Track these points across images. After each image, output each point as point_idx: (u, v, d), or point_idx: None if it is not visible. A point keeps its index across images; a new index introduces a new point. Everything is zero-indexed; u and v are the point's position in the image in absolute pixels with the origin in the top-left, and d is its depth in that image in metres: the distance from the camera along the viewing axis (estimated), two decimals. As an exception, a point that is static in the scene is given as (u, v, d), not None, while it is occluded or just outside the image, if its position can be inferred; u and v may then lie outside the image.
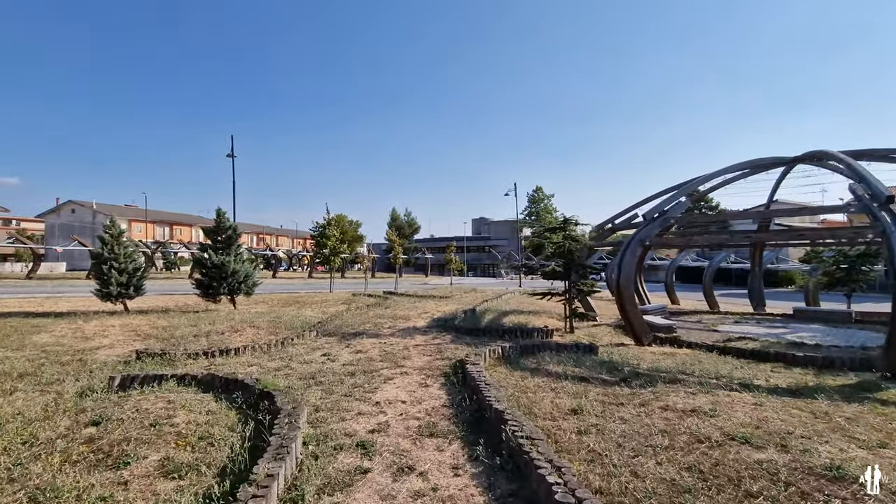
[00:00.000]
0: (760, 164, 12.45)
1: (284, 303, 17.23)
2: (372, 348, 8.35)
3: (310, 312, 13.24)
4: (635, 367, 7.21)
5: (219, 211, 14.79)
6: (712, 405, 5.08)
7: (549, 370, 6.77)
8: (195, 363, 7.20)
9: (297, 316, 12.28)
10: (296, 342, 8.78)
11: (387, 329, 10.64)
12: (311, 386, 5.85)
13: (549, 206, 76.38)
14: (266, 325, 10.35)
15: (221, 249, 14.75)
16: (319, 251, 25.65)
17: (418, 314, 13.49)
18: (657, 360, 8.29)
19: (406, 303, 16.74)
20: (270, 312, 13.61)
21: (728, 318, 16.01)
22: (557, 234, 11.81)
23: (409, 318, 12.42)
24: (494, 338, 9.71)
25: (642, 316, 10.59)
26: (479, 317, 12.90)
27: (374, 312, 13.66)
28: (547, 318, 13.72)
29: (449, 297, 19.93)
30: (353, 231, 70.32)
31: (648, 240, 10.69)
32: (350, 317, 12.49)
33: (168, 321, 11.56)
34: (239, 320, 11.02)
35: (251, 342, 8.71)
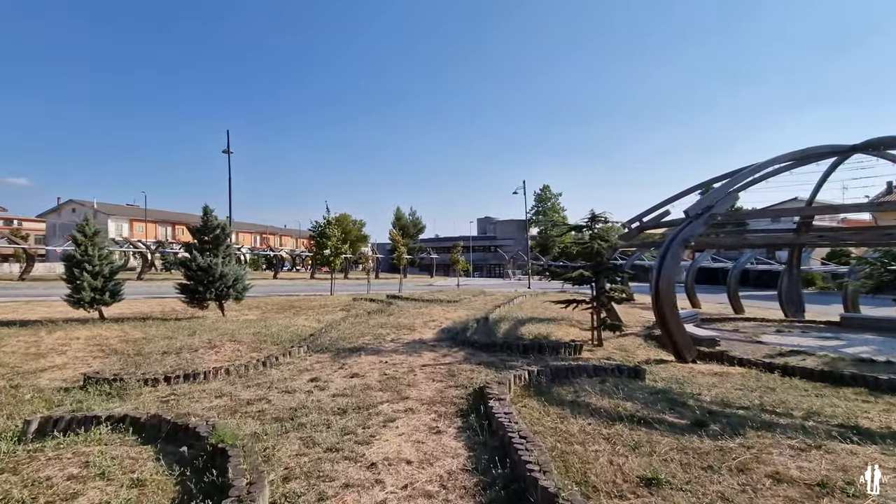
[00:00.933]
0: (813, 154, 10.93)
1: (279, 308, 15.88)
2: (370, 370, 6.95)
3: (303, 321, 11.87)
4: (698, 399, 5.77)
5: (205, 208, 13.46)
6: (840, 470, 3.64)
7: (594, 405, 5.34)
8: (152, 392, 5.84)
9: (288, 326, 10.90)
10: (281, 362, 7.39)
11: (389, 343, 9.24)
12: (287, 431, 4.46)
13: (556, 205, 74.70)
14: (250, 338, 8.98)
15: (209, 250, 13.42)
16: (319, 252, 24.32)
17: (424, 323, 12.08)
18: (713, 383, 6.88)
19: (411, 309, 15.33)
20: (261, 321, 12.26)
21: (767, 327, 14.50)
22: (583, 232, 10.37)
23: (415, 329, 11.01)
24: (515, 354, 8.29)
25: (685, 328, 9.13)
26: (493, 326, 11.47)
27: (376, 321, 12.26)
28: (568, 328, 12.29)
29: (457, 302, 18.51)
30: (356, 231, 69.06)
31: (693, 239, 9.22)
32: (348, 326, 11.10)
33: (144, 331, 10.23)
34: (221, 332, 9.65)
35: (228, 362, 7.34)
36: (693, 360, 8.96)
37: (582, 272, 9.43)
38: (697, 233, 9.22)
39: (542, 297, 23.43)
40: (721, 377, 7.51)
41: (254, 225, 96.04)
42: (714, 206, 9.39)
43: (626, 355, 9.20)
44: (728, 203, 9.48)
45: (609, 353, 9.35)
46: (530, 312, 15.65)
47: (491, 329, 11.00)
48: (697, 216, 9.31)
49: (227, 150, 25.01)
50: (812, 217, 14.99)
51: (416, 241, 74.32)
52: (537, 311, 16.26)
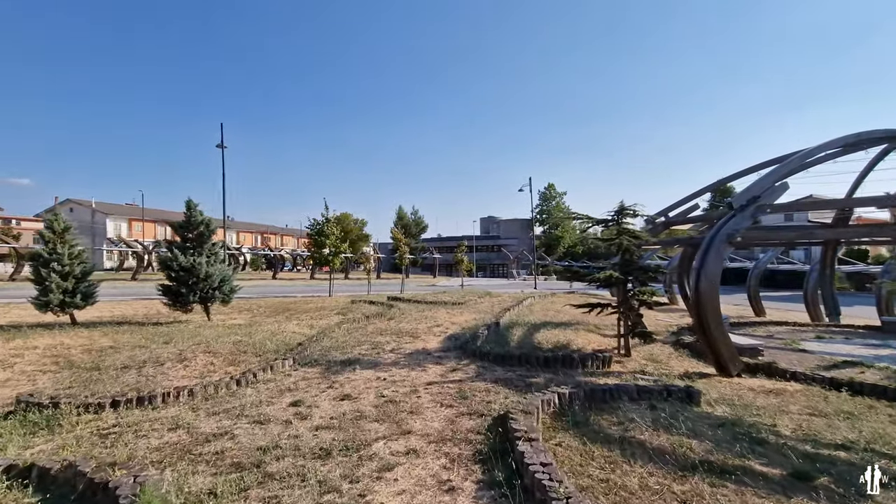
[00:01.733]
0: (865, 139, 9.72)
1: (271, 311, 14.73)
2: (365, 390, 5.78)
3: (295, 327, 10.70)
4: (777, 433, 4.59)
5: (189, 203, 12.32)
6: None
7: (650, 444, 4.15)
8: (92, 422, 4.69)
9: (276, 333, 9.73)
10: (259, 378, 6.22)
11: (389, 353, 8.07)
12: (247, 488, 3.29)
13: (560, 204, 73.40)
14: (229, 348, 7.81)
15: (192, 249, 12.28)
16: (317, 251, 23.17)
17: (429, 329, 10.90)
18: (778, 407, 5.74)
19: (413, 312, 14.16)
20: (248, 326, 11.11)
21: (801, 331, 13.27)
22: (609, 228, 9.18)
23: (418, 336, 9.84)
24: (535, 368, 7.10)
25: (734, 338, 7.94)
26: (505, 333, 10.28)
27: (375, 327, 11.09)
28: (587, 334, 11.10)
29: (462, 304, 17.32)
30: (357, 230, 67.95)
31: (739, 234, 8.01)
32: (343, 333, 9.93)
33: (114, 339, 9.11)
34: (198, 341, 8.49)
35: (198, 378, 6.20)
36: (738, 373, 7.78)
37: (611, 273, 8.20)
38: (743, 227, 8.01)
39: (552, 298, 22.23)
40: (780, 397, 6.33)
41: (254, 225, 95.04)
42: (760, 196, 8.18)
43: (660, 368, 8.01)
44: (778, 193, 8.27)
45: (640, 364, 8.17)
46: (542, 316, 14.45)
47: (503, 336, 9.81)
48: (742, 208, 8.10)
49: (220, 144, 23.93)
50: (851, 211, 13.72)
51: (419, 240, 73.18)
52: (549, 315, 15.06)
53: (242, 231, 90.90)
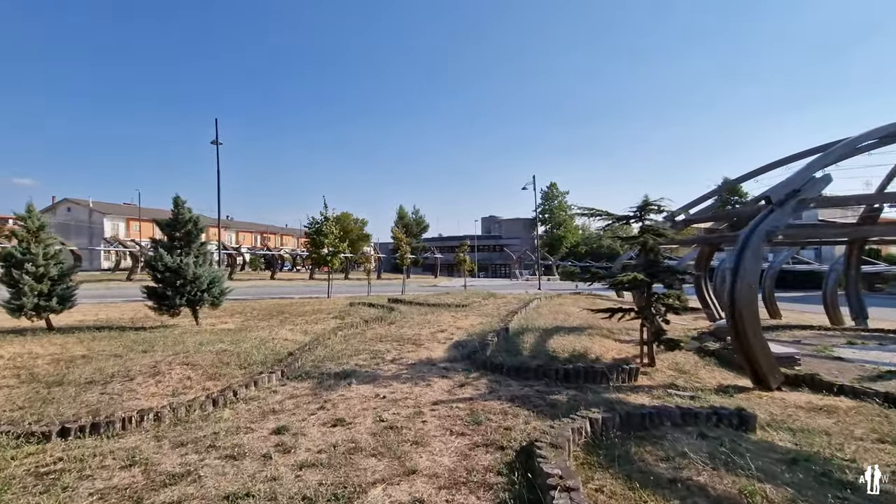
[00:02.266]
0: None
1: (265, 314, 13.94)
2: (361, 412, 4.97)
3: (287, 333, 9.89)
4: (859, 470, 3.78)
5: (176, 199, 11.52)
6: None
7: (712, 489, 3.34)
8: (34, 455, 3.90)
9: (266, 340, 8.92)
10: (240, 397, 5.43)
11: (389, 364, 7.26)
12: (202, 563, 2.50)
13: (563, 203, 72.55)
14: (211, 359, 6.99)
15: (179, 248, 11.49)
16: (315, 251, 22.36)
17: (432, 335, 10.11)
18: (839, 430, 4.97)
19: (415, 315, 13.36)
20: (238, 331, 10.32)
21: (829, 336, 12.47)
22: (630, 225, 8.38)
23: (421, 343, 9.03)
24: (554, 383, 6.29)
25: (769, 345, 7.12)
26: (515, 339, 9.48)
27: (374, 332, 10.29)
28: (603, 340, 10.29)
29: (466, 307, 16.52)
30: (357, 230, 67.20)
31: (780, 231, 7.20)
32: (340, 341, 9.13)
33: (89, 347, 8.31)
34: (178, 350, 7.67)
35: (170, 396, 5.41)
36: (778, 386, 6.99)
37: (636, 275, 7.39)
38: (784, 224, 7.20)
39: (559, 300, 21.42)
40: (834, 417, 5.53)
41: (254, 224, 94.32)
42: (801, 189, 7.38)
43: (690, 380, 7.21)
44: (820, 186, 7.46)
45: (667, 376, 7.36)
46: (552, 320, 13.65)
47: (514, 344, 9.00)
48: (781, 203, 7.29)
49: (215, 141, 23.16)
50: (881, 209, 12.87)
51: (420, 240, 72.38)
52: (559, 318, 14.26)
53: (242, 231, 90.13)
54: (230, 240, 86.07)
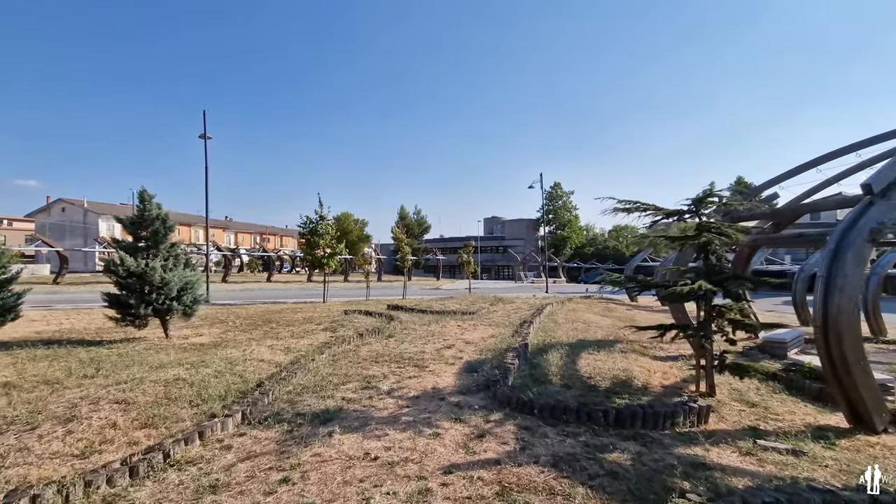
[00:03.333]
0: None
1: (250, 323, 12.40)
2: (342, 489, 3.42)
3: (265, 352, 8.30)
4: None
5: (142, 193, 9.99)
6: None
7: None
8: None
9: (236, 362, 7.33)
10: (174, 460, 3.87)
11: (385, 399, 5.69)
12: None
13: (568, 203, 70.97)
14: (154, 394, 5.43)
15: (146, 249, 9.98)
16: (310, 252, 20.81)
17: (438, 352, 8.55)
18: None
19: (417, 325, 11.80)
20: (207, 349, 8.78)
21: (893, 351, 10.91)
22: (687, 222, 6.81)
23: (425, 365, 7.46)
24: (603, 430, 4.71)
25: (872, 374, 5.55)
26: (538, 360, 7.90)
27: (370, 350, 8.73)
28: (638, 358, 8.74)
29: (474, 314, 14.98)
30: (358, 230, 65.70)
31: (889, 229, 5.63)
32: (326, 362, 7.55)
33: (22, 370, 6.78)
34: (120, 380, 6.12)
35: (76, 458, 3.86)
36: (885, 428, 5.43)
37: (701, 284, 5.79)
38: (893, 219, 5.62)
39: (572, 305, 19.86)
40: None
41: (253, 225, 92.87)
42: (911, 175, 5.80)
43: (764, 416, 5.66)
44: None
45: (738, 412, 5.80)
46: (571, 330, 12.10)
47: (538, 366, 7.43)
48: (885, 192, 5.73)
49: (203, 134, 21.64)
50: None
51: (421, 241, 70.83)
52: (579, 328, 12.71)
53: (241, 231, 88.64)
54: (229, 241, 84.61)
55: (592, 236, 76.72)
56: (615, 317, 16.89)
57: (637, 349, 9.79)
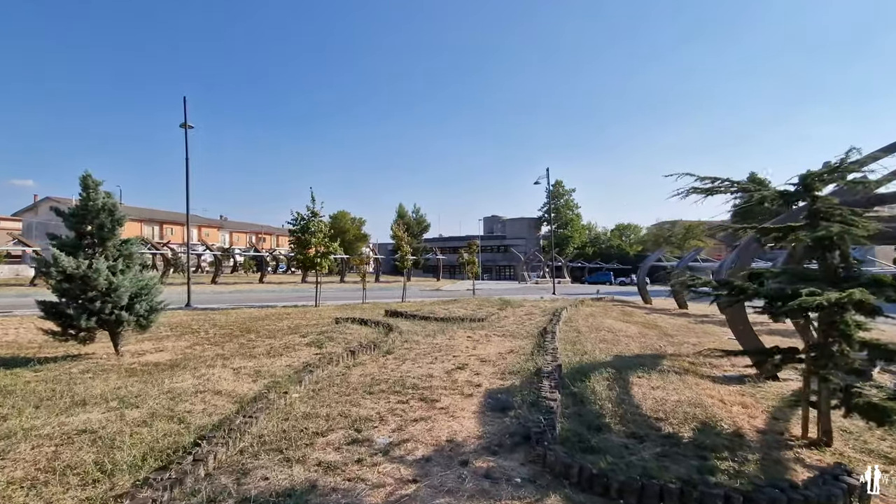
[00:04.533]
0: None
1: (226, 334, 10.61)
2: None
3: (227, 379, 6.40)
4: None
5: (85, 179, 8.16)
6: None
7: None
8: None
9: (182, 398, 5.46)
10: None
11: (381, 461, 3.91)
12: None
13: (570, 202, 69.14)
14: (25, 467, 3.64)
15: (91, 248, 8.19)
16: (301, 251, 19.00)
17: (448, 375, 6.78)
18: None
19: (421, 337, 10.02)
20: (160, 373, 6.98)
21: None
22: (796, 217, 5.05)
23: (434, 398, 5.66)
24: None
25: None
26: (580, 388, 6.11)
27: (362, 373, 6.93)
28: (699, 381, 6.98)
29: (483, 321, 13.21)
30: (355, 229, 63.87)
31: None
32: (304, 396, 5.70)
33: None
34: (11, 429, 4.34)
35: None
36: None
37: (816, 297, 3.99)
38: None
39: (586, 308, 18.11)
40: None
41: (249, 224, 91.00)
42: None
43: None
44: None
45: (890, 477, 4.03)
46: (601, 342, 10.35)
47: (582, 398, 5.64)
48: None
49: (184, 123, 19.81)
50: None
51: (420, 240, 69.02)
52: (607, 339, 10.95)
53: (236, 231, 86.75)
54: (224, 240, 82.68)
55: (595, 235, 74.99)
56: (638, 322, 15.17)
57: (688, 367, 8.05)
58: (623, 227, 78.67)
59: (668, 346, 10.60)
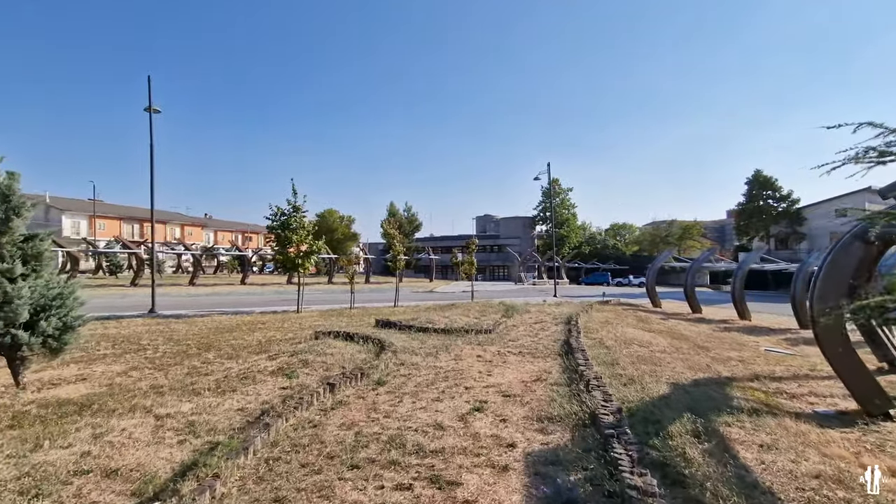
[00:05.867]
0: None
1: (178, 353, 8.54)
2: None
3: (137, 442, 4.38)
4: None
5: (-30, 153, 6.06)
6: None
7: None
8: None
9: (59, 485, 3.49)
10: None
11: None
12: None
13: (566, 201, 67.51)
14: None
15: (-22, 246, 6.08)
16: (281, 250, 16.90)
17: (464, 422, 4.83)
18: None
19: (421, 359, 8.05)
20: (61, 419, 4.93)
21: None
22: None
23: (451, 477, 3.68)
24: None
25: None
26: (667, 453, 4.18)
27: (341, 426, 4.91)
28: (798, 425, 5.12)
29: (490, 332, 11.29)
30: (344, 228, 61.56)
31: None
32: (252, 477, 3.73)
33: None
34: None
35: None
36: None
37: None
38: None
39: (599, 314, 16.28)
40: None
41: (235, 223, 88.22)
42: None
43: None
44: None
45: None
46: (638, 361, 8.47)
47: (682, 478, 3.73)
48: None
49: (149, 107, 17.57)
50: None
51: (412, 239, 66.87)
52: (642, 355, 9.11)
53: (221, 230, 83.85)
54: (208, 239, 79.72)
55: (590, 235, 73.55)
56: (661, 331, 13.38)
57: (766, 400, 6.23)
58: (618, 226, 77.35)
59: (716, 365, 8.81)
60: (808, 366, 9.18)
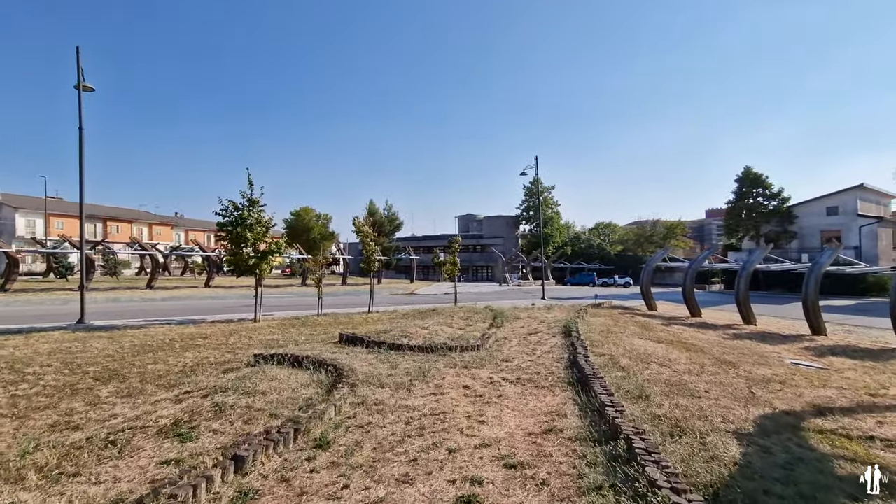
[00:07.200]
0: None
1: (60, 388, 6.28)
2: None
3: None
4: None
5: None
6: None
7: None
8: None
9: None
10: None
11: None
12: None
13: (549, 199, 66.22)
14: None
15: None
16: (234, 251, 14.56)
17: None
18: None
19: (387, 395, 6.00)
20: None
21: None
22: None
23: None
24: None
25: None
26: None
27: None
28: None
29: (479, 349, 9.34)
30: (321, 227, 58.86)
31: None
32: None
33: None
34: None
35: None
36: None
37: None
38: None
39: (597, 319, 14.48)
40: None
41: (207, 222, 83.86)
42: None
43: None
44: None
45: None
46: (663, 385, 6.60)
47: None
48: None
49: (78, 84, 14.99)
50: None
51: (392, 239, 64.52)
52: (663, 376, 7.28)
53: (193, 229, 79.85)
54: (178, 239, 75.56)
55: (574, 234, 72.48)
56: (669, 341, 11.67)
57: (872, 457, 4.42)
58: (603, 225, 76.54)
59: (759, 390, 7.06)
60: (853, 385, 7.58)
